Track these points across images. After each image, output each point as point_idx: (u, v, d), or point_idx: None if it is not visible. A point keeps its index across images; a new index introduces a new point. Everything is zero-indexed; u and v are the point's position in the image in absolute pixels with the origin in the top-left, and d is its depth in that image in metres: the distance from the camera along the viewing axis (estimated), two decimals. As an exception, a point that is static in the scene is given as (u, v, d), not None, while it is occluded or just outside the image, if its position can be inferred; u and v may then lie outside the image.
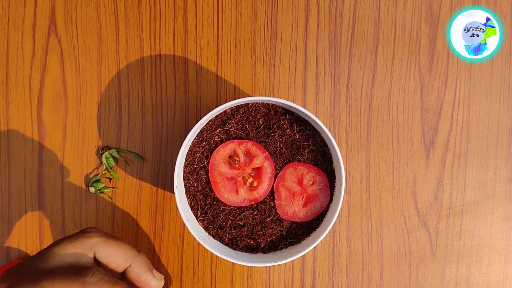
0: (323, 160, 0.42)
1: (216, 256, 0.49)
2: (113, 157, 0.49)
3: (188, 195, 0.41)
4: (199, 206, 0.42)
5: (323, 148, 0.42)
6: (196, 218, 0.41)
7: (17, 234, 0.49)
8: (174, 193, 0.48)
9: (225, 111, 0.42)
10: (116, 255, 0.36)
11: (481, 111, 0.50)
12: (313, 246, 0.40)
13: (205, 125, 0.41)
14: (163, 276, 0.37)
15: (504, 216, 0.50)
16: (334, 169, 0.41)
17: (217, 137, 0.42)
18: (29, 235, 0.49)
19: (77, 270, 0.33)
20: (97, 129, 0.49)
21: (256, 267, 0.49)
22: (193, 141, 0.41)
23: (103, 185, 0.49)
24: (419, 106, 0.50)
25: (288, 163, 0.42)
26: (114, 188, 0.49)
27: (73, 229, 0.49)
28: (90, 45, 0.49)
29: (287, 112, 0.42)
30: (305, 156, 0.42)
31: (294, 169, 0.42)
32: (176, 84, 0.49)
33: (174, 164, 0.47)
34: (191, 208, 0.41)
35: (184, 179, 0.41)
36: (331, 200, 0.42)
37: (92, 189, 0.48)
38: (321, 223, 0.42)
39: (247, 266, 0.49)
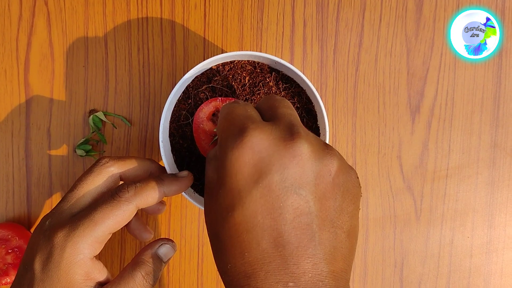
0: (308, 118, 0.38)
1: (203, 219, 0.46)
2: (100, 120, 0.45)
3: (174, 152, 0.38)
4: (185, 163, 0.38)
5: (309, 105, 0.38)
6: None
7: (5, 197, 0.46)
8: (161, 156, 0.45)
9: (211, 68, 0.38)
10: (135, 170, 0.34)
11: (466, 75, 0.47)
12: None
13: (191, 82, 0.38)
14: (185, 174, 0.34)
15: (488, 181, 0.47)
16: (319, 127, 0.38)
17: (202, 94, 0.38)
18: (16, 197, 0.46)
19: (113, 193, 0.31)
20: (84, 92, 0.46)
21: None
22: (179, 98, 0.38)
23: (90, 147, 0.45)
24: (405, 71, 0.47)
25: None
26: (101, 151, 0.46)
27: (60, 192, 0.46)
28: (77, 7, 0.45)
29: (273, 70, 0.39)
30: (291, 113, 0.39)
31: None
32: (163, 47, 0.46)
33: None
34: (177, 165, 0.38)
35: (169, 135, 0.38)
36: None
37: (79, 152, 0.45)
38: None
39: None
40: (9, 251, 0.43)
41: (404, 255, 0.46)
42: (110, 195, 0.31)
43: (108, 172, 0.33)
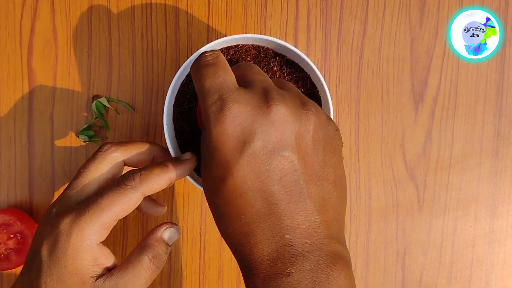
0: (313, 103, 0.38)
1: (206, 207, 0.45)
2: (103, 106, 0.44)
3: (178, 136, 0.37)
4: (189, 147, 0.37)
5: (313, 90, 0.37)
6: None
7: (7, 183, 0.45)
8: (164, 142, 0.44)
9: (214, 52, 0.37)
10: (138, 154, 0.34)
11: (470, 65, 0.46)
12: None
13: (194, 66, 0.37)
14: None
15: (491, 171, 0.46)
16: None
17: (206, 78, 0.37)
18: (18, 184, 0.45)
19: (118, 181, 0.31)
20: (87, 78, 0.45)
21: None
22: (183, 81, 0.37)
23: (93, 133, 0.44)
24: (409, 60, 0.46)
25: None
26: (104, 137, 0.45)
27: (62, 178, 0.45)
28: (81, -8, 0.44)
29: (277, 55, 0.38)
30: (295, 98, 0.38)
31: None
32: (167, 34, 0.45)
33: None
34: (181, 149, 0.37)
35: (173, 119, 0.37)
36: None
37: (82, 137, 0.44)
38: None
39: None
40: (11, 236, 0.42)
41: (407, 244, 0.45)
42: (116, 182, 0.31)
43: (112, 158, 0.33)
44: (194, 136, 0.37)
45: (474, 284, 0.46)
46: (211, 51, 0.31)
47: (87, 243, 0.30)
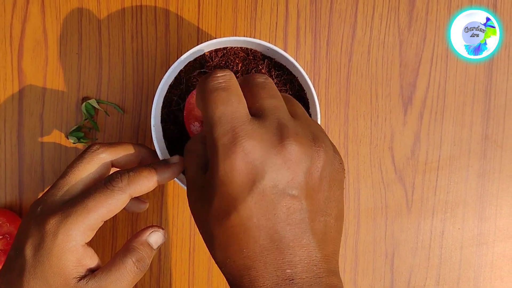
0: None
1: (195, 208, 0.45)
2: (93, 107, 0.44)
3: (166, 138, 0.37)
4: (177, 148, 0.38)
5: (301, 92, 0.37)
6: None
7: (-4, 184, 0.45)
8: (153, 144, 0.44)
9: (203, 54, 0.37)
10: (126, 156, 0.34)
11: (458, 67, 0.46)
12: None
13: (183, 68, 0.37)
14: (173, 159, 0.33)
15: (479, 173, 0.47)
16: (310, 114, 0.37)
17: (194, 79, 0.37)
18: (8, 184, 0.44)
19: (106, 182, 0.31)
20: (77, 80, 0.45)
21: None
22: (171, 83, 0.37)
23: (83, 134, 0.44)
24: (398, 63, 0.46)
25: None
26: (94, 139, 0.45)
27: (52, 179, 0.45)
28: (71, -6, 0.44)
29: (265, 57, 0.38)
30: (282, 100, 0.38)
31: None
32: (157, 35, 0.45)
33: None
34: (169, 151, 0.37)
35: (161, 121, 0.37)
36: None
37: (71, 139, 0.44)
38: None
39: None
40: (0, 237, 0.42)
41: (395, 246, 0.45)
42: (103, 183, 0.31)
43: (100, 159, 0.33)
44: (182, 137, 0.37)
45: (462, 286, 0.46)
46: (223, 70, 0.28)
47: (72, 243, 0.30)
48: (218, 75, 0.28)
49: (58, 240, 0.30)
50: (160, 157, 0.36)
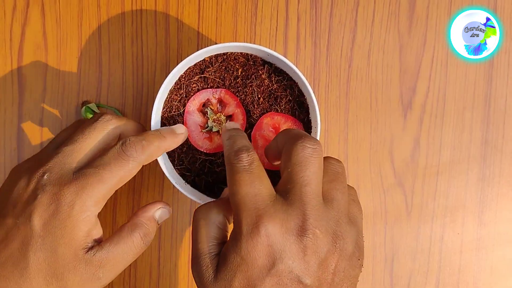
0: (300, 110, 0.37)
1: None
2: (93, 111, 0.44)
3: None
4: (176, 154, 0.37)
5: (301, 98, 0.37)
6: (173, 166, 0.37)
7: (-4, 188, 0.45)
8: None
9: (203, 59, 0.37)
10: (133, 131, 0.34)
11: (458, 72, 0.46)
12: None
13: (184, 73, 0.37)
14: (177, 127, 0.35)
15: (479, 178, 0.47)
16: (311, 120, 0.37)
17: (194, 84, 0.37)
18: (7, 188, 0.45)
19: (119, 151, 0.31)
20: (77, 84, 0.45)
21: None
22: (171, 88, 0.37)
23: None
24: (398, 67, 0.46)
25: (265, 113, 0.37)
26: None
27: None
28: (71, -2, 0.44)
29: (265, 63, 0.38)
30: (282, 106, 0.36)
31: (271, 118, 0.36)
32: (157, 40, 0.45)
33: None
34: (168, 156, 0.37)
35: (161, 126, 0.37)
36: None
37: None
38: None
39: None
40: None
41: (395, 250, 0.45)
42: (117, 152, 0.31)
43: (111, 130, 0.33)
44: (182, 143, 0.37)
45: (461, 290, 0.46)
46: (246, 150, 0.30)
47: (87, 214, 0.30)
48: (242, 155, 0.29)
49: (74, 211, 0.29)
50: (160, 163, 0.35)
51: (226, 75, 0.37)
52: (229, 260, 0.28)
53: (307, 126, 0.37)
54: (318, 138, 0.36)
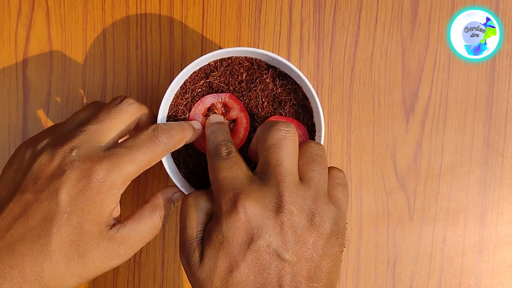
0: (304, 114, 0.37)
1: (199, 215, 0.46)
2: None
3: None
4: (181, 157, 0.37)
5: (305, 102, 0.37)
6: (178, 169, 0.37)
7: (1, 191, 0.45)
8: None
9: (208, 64, 0.37)
10: (149, 117, 0.35)
11: (460, 76, 0.47)
12: None
13: (189, 77, 0.37)
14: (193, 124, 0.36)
15: (480, 180, 0.47)
16: (314, 123, 0.37)
17: (199, 89, 0.37)
18: (12, 191, 0.45)
19: (151, 136, 0.32)
20: (82, 87, 0.45)
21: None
22: (176, 92, 0.37)
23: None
24: (400, 71, 0.46)
25: (269, 117, 0.37)
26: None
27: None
28: (76, 2, 0.44)
29: (270, 67, 0.38)
30: (286, 110, 0.37)
31: None
32: (162, 43, 0.45)
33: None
34: (174, 159, 0.37)
35: None
36: None
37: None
38: None
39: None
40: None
41: (397, 253, 0.46)
42: (149, 136, 0.32)
43: (133, 113, 0.34)
44: (187, 146, 0.37)
45: (463, 292, 0.46)
46: (225, 143, 0.32)
47: (115, 191, 0.30)
48: (222, 149, 0.32)
49: (104, 188, 0.30)
50: (165, 166, 0.36)
51: (230, 79, 0.37)
52: (212, 239, 0.29)
53: (311, 129, 0.38)
54: (322, 141, 0.36)
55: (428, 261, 0.46)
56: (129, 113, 0.33)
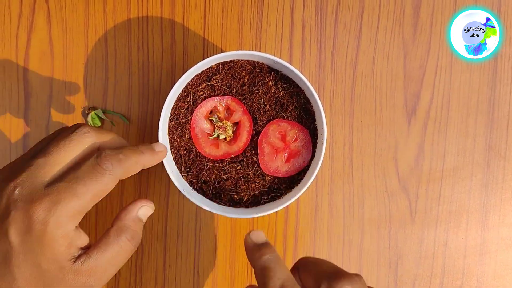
0: (306, 117, 0.37)
1: (201, 218, 0.45)
2: (99, 117, 0.44)
3: (172, 150, 0.37)
4: (183, 161, 0.37)
5: (307, 105, 0.37)
6: (180, 173, 0.37)
7: (2, 194, 0.44)
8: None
9: (210, 67, 0.37)
10: (112, 143, 0.32)
11: (462, 78, 0.47)
12: (294, 199, 0.35)
13: (191, 80, 0.37)
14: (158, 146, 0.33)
15: (482, 183, 0.47)
16: (317, 126, 0.37)
17: (201, 92, 0.37)
18: (13, 194, 0.44)
19: (94, 164, 0.29)
20: (83, 90, 0.45)
21: (240, 230, 0.45)
22: (178, 95, 0.37)
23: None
24: (402, 74, 0.46)
25: (272, 120, 0.37)
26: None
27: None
28: (78, 5, 0.44)
29: (272, 70, 0.38)
30: (288, 113, 0.36)
31: (277, 125, 0.36)
32: (163, 46, 0.45)
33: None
34: (176, 163, 0.37)
35: (168, 133, 0.37)
36: (313, 157, 0.37)
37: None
38: (302, 178, 0.37)
39: (231, 230, 0.45)
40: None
41: (399, 255, 0.45)
42: (92, 166, 0.29)
43: (88, 143, 0.31)
44: (189, 150, 0.37)
45: (465, 295, 0.46)
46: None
47: (63, 229, 0.29)
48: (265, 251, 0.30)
49: (49, 228, 0.28)
50: (167, 169, 0.36)
51: (232, 82, 0.37)
52: None
53: (313, 133, 0.38)
54: (324, 144, 0.36)
55: (430, 264, 0.46)
56: (80, 143, 0.31)
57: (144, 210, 0.32)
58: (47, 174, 0.30)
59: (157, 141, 0.36)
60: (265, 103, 0.37)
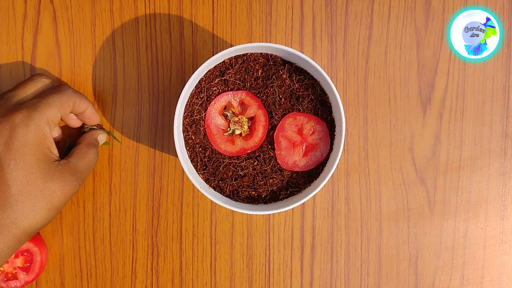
0: (322, 109, 0.36)
1: (216, 217, 0.44)
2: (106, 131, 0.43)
3: (188, 148, 0.36)
4: (199, 159, 0.36)
5: (323, 97, 0.36)
6: (196, 171, 0.36)
7: (13, 199, 0.43)
8: (171, 154, 0.43)
9: (223, 61, 0.36)
10: (66, 102, 0.37)
11: (476, 66, 0.46)
12: (313, 193, 0.34)
13: (204, 76, 0.36)
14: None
15: (500, 171, 0.46)
16: (334, 118, 0.36)
17: (215, 87, 0.36)
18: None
19: (56, 86, 0.37)
20: (92, 91, 0.44)
21: (256, 227, 0.44)
22: (192, 92, 0.36)
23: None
24: (416, 63, 0.45)
25: (287, 113, 0.36)
26: (106, 144, 0.44)
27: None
28: (83, 4, 0.43)
29: (286, 62, 0.37)
30: (304, 105, 0.36)
31: (294, 119, 0.36)
32: (172, 43, 0.44)
33: (172, 125, 0.42)
34: (191, 161, 0.36)
35: (183, 131, 0.36)
36: (331, 149, 0.36)
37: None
38: (321, 172, 0.36)
39: (247, 228, 0.44)
40: (19, 254, 0.41)
41: (419, 248, 0.44)
42: (56, 87, 0.36)
43: (45, 82, 0.38)
44: (204, 147, 0.36)
45: (486, 285, 0.45)
46: None
47: (44, 131, 0.34)
48: None
49: (31, 129, 0.33)
50: (183, 165, 0.35)
51: (246, 76, 0.36)
52: None
53: (331, 124, 0.37)
54: (343, 136, 0.35)
55: (451, 256, 0.45)
56: (38, 82, 0.37)
57: (102, 136, 0.41)
58: (19, 98, 0.36)
59: (173, 139, 0.36)
60: (280, 96, 0.36)
